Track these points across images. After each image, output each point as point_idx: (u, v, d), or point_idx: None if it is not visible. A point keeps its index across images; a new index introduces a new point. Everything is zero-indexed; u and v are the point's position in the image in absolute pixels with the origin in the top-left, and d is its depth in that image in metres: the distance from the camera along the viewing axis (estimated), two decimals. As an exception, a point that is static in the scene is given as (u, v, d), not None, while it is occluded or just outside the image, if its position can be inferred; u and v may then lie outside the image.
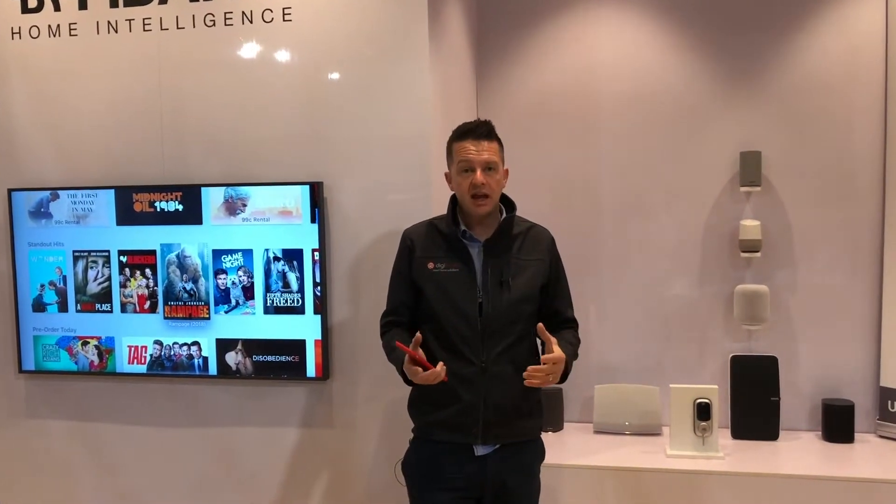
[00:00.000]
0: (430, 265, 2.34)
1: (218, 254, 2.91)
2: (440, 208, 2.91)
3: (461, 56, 3.41)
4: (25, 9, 3.04)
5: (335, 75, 2.85)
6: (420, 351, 2.21)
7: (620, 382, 3.54)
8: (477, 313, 2.29)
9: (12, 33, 3.06)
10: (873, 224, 3.40)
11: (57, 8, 3.02)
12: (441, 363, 2.21)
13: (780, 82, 3.45)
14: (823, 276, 3.46)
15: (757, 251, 3.42)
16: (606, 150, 3.62)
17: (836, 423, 3.33)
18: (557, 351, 2.21)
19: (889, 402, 3.34)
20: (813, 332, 3.48)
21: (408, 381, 2.31)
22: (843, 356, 3.45)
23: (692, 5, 3.50)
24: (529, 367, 2.18)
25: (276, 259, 2.86)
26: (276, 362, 2.89)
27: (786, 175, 3.46)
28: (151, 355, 3.00)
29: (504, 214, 2.38)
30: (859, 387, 3.43)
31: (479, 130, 2.31)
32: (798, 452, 3.25)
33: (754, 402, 3.36)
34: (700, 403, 3.19)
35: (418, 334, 2.24)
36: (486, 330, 2.29)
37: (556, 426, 3.51)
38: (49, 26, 3.03)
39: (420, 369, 2.19)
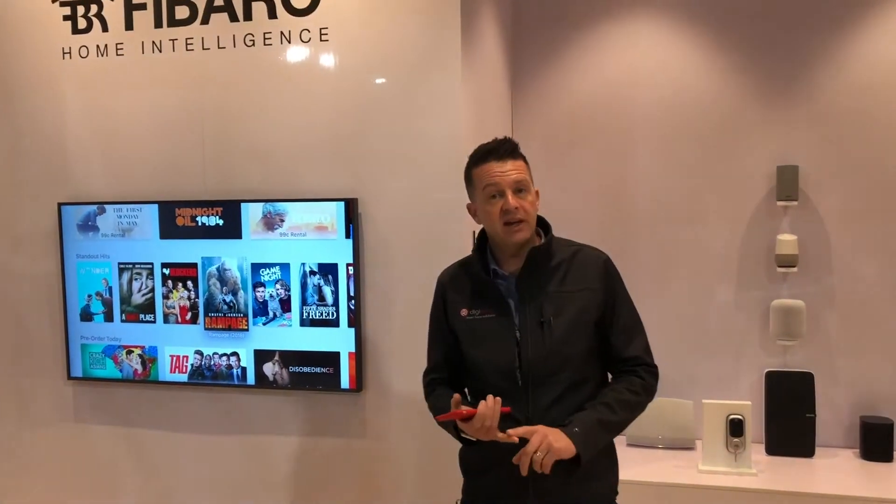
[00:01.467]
0: (464, 312, 2.07)
1: (256, 267, 2.99)
2: (471, 223, 2.97)
3: (495, 69, 3.44)
4: (75, 30, 3.16)
5: (369, 94, 2.91)
6: (463, 407, 1.93)
7: (656, 395, 3.53)
8: (516, 363, 1.99)
9: (63, 53, 3.18)
10: (914, 238, 3.35)
11: (105, 29, 3.13)
12: (484, 401, 1.89)
13: (818, 96, 3.42)
14: (861, 291, 3.41)
15: (793, 266, 3.39)
16: (642, 163, 3.62)
17: (875, 442, 3.28)
18: (533, 435, 1.86)
19: (930, 420, 3.29)
20: (851, 348, 3.43)
21: (462, 440, 2.08)
22: (882, 373, 3.40)
23: (730, 16, 3.48)
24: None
25: (312, 273, 2.93)
26: (311, 373, 2.96)
27: (823, 189, 3.43)
28: (192, 364, 3.09)
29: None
30: (899, 404, 3.39)
31: (503, 149, 2.02)
32: (834, 470, 3.21)
33: (790, 419, 3.33)
34: (733, 419, 3.18)
35: (456, 395, 1.95)
36: (529, 381, 1.99)
37: (589, 438, 3.52)
38: (97, 46, 3.15)
39: (475, 424, 1.89)
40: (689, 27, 3.53)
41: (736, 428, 3.17)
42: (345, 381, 2.93)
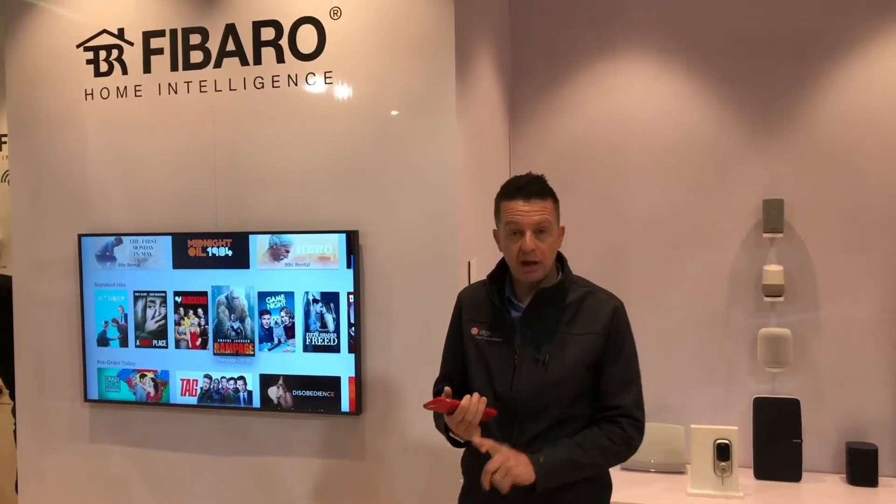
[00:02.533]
0: (474, 330, 2.16)
1: (263, 296, 3.15)
2: (466, 254, 3.13)
3: (493, 106, 3.62)
4: (98, 73, 3.37)
5: (370, 132, 3.09)
6: (448, 399, 1.99)
7: (648, 421, 3.64)
8: (508, 392, 2.07)
9: (86, 94, 3.39)
10: (896, 269, 3.47)
11: (125, 72, 3.34)
12: (469, 396, 1.96)
13: (802, 132, 3.56)
14: (847, 320, 3.52)
15: (780, 296, 3.51)
16: (636, 196, 3.77)
17: (860, 467, 3.38)
18: (497, 454, 1.97)
19: (914, 446, 3.38)
20: (837, 376, 3.54)
21: (450, 440, 2.15)
22: (867, 400, 3.50)
23: (719, 57, 3.64)
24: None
25: (315, 301, 3.09)
26: (313, 397, 3.11)
27: (809, 220, 3.56)
28: (202, 388, 3.25)
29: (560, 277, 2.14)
30: (885, 431, 3.48)
31: (531, 188, 2.07)
32: (819, 495, 3.31)
33: (777, 444, 3.43)
34: (720, 444, 3.29)
35: (447, 388, 2.04)
36: (517, 412, 2.07)
37: (584, 462, 3.62)
38: (118, 88, 3.35)
39: (456, 417, 1.97)
40: (681, 67, 3.69)
41: (723, 452, 3.28)
42: (345, 405, 3.07)
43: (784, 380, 3.57)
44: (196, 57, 3.26)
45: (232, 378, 3.21)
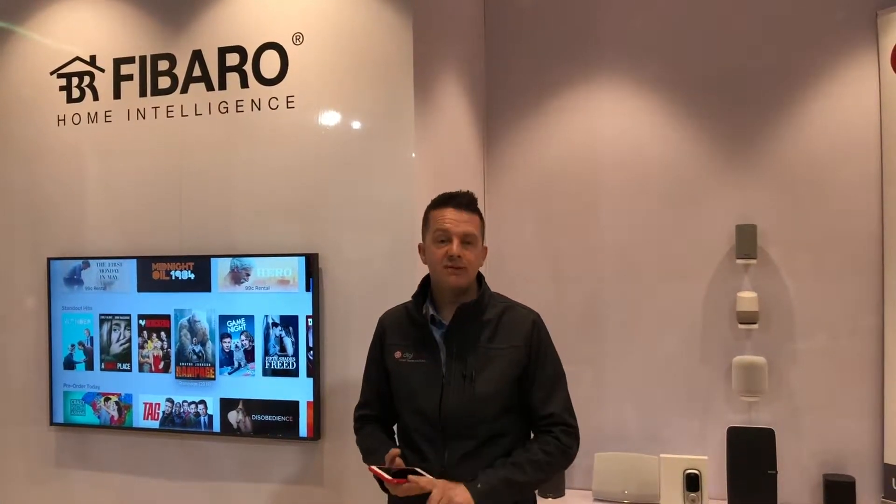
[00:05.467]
0: (398, 354, 2.16)
1: (224, 319, 3.15)
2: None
3: (461, 133, 3.61)
4: (70, 99, 3.43)
5: (331, 157, 3.09)
6: (398, 460, 2.05)
7: (622, 451, 3.57)
8: (437, 411, 2.07)
9: (58, 120, 3.44)
10: (873, 295, 3.38)
11: (95, 98, 3.39)
12: (409, 478, 2.00)
13: (776, 156, 3.52)
14: (823, 348, 3.44)
15: (754, 323, 3.44)
16: (610, 224, 3.73)
17: (838, 500, 3.27)
18: (434, 489, 1.97)
19: (893, 479, 3.26)
20: (814, 405, 3.44)
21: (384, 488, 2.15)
22: (845, 430, 3.40)
23: (690, 84, 3.62)
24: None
25: (275, 325, 3.08)
26: (272, 422, 3.08)
27: (783, 247, 3.49)
28: (164, 412, 3.24)
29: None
30: (863, 463, 3.37)
31: (460, 199, 2.13)
32: (794, 528, 3.21)
33: (752, 475, 3.33)
34: (689, 474, 3.21)
35: (394, 450, 2.07)
36: (447, 430, 2.07)
37: (557, 493, 3.55)
38: (88, 113, 3.40)
39: (397, 492, 2.02)
40: (655, 95, 3.67)
41: (692, 483, 3.20)
42: (303, 430, 3.04)
43: (760, 409, 3.48)
44: (164, 82, 3.30)
45: (193, 402, 3.19)
